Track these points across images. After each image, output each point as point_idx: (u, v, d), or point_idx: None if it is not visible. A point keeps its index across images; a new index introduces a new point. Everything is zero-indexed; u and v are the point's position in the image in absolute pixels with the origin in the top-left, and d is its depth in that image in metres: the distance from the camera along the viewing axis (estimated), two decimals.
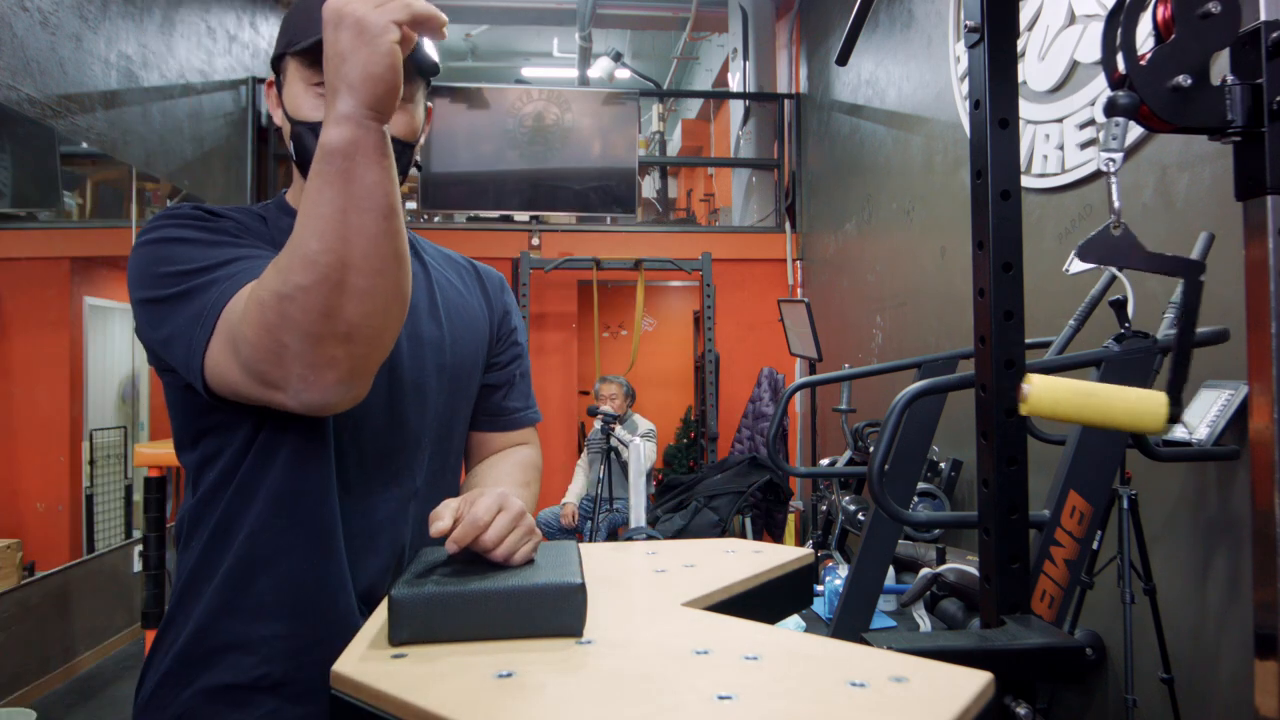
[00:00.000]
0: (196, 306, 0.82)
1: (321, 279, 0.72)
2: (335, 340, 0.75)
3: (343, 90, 0.71)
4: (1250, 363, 0.76)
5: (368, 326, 0.76)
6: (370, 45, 0.70)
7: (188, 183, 4.51)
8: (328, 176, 0.72)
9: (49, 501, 3.73)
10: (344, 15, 0.70)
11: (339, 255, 0.73)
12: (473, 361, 1.11)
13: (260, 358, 0.76)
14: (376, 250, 0.74)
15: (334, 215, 0.72)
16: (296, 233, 0.74)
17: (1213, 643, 2.08)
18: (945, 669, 0.64)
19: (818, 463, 3.96)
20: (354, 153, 0.72)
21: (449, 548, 0.80)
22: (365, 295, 0.75)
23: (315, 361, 0.75)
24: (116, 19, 3.93)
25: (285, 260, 0.74)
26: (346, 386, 0.79)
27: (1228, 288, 1.90)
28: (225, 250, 0.87)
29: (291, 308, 0.73)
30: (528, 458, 1.18)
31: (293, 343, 0.74)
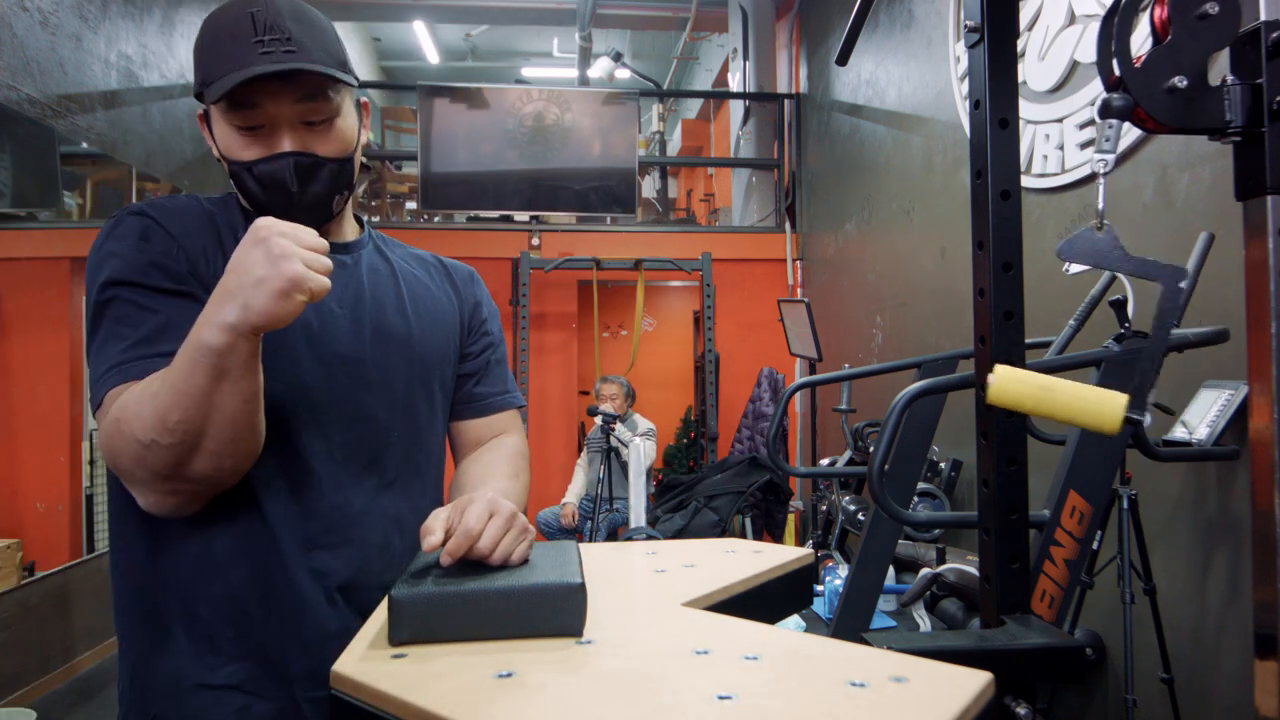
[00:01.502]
0: (95, 369, 0.91)
1: (178, 443, 0.82)
2: (181, 482, 0.85)
3: (239, 306, 0.79)
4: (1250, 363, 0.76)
5: (214, 476, 0.87)
6: (285, 298, 0.78)
7: (188, 183, 4.52)
8: (200, 366, 0.80)
9: (49, 501, 3.73)
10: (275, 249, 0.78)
11: (198, 427, 0.82)
12: (443, 354, 1.12)
13: (115, 469, 0.87)
14: (233, 425, 0.84)
15: (199, 397, 0.81)
16: (159, 397, 0.82)
17: (1213, 643, 2.08)
18: (945, 669, 0.64)
19: (818, 463, 3.96)
20: (228, 355, 0.80)
21: (444, 560, 0.80)
22: (215, 456, 0.84)
23: (160, 491, 0.86)
24: (116, 19, 3.93)
25: (148, 412, 0.82)
26: (184, 509, 0.90)
27: (1228, 288, 1.90)
28: (143, 300, 0.92)
29: (146, 454, 0.83)
30: (513, 447, 1.18)
31: (140, 475, 0.85)
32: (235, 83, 0.89)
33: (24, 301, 3.58)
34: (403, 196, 7.15)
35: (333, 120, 0.97)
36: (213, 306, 0.80)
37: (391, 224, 6.11)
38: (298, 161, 0.95)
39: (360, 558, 1.00)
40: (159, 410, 0.81)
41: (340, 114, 0.98)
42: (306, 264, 0.79)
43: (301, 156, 0.95)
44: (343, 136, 0.99)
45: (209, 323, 0.80)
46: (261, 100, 0.92)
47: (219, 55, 0.92)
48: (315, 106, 0.95)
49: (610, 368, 5.87)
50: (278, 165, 0.95)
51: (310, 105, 0.95)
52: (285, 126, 0.95)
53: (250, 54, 0.91)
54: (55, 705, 3.37)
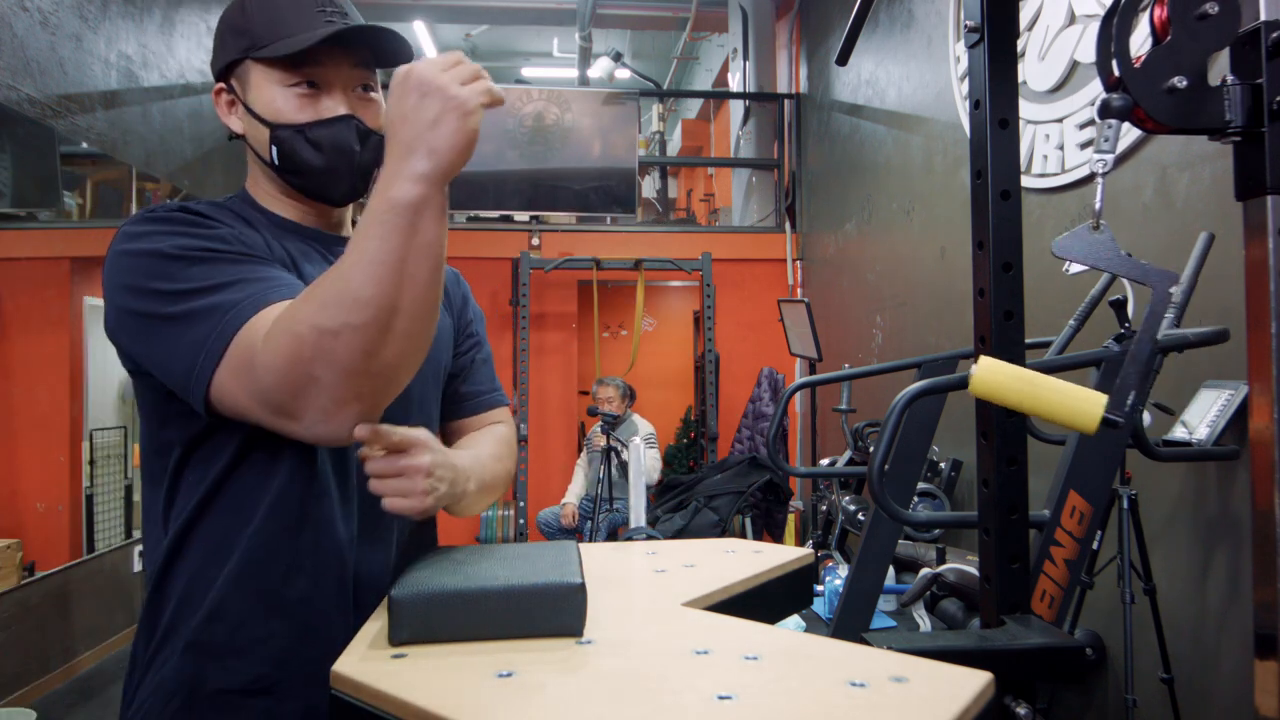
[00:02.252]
0: (200, 332, 0.81)
1: (371, 321, 0.75)
2: (368, 377, 0.78)
3: (422, 152, 0.75)
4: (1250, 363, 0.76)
5: (400, 366, 0.80)
6: (461, 121, 0.76)
7: (188, 183, 4.51)
8: (394, 227, 0.75)
9: (49, 501, 3.73)
10: (432, 85, 0.76)
11: (392, 301, 0.76)
12: (443, 355, 1.12)
13: (284, 388, 0.77)
14: (425, 299, 0.79)
15: (394, 264, 0.75)
16: (347, 273, 0.75)
17: (1213, 643, 2.08)
18: (945, 669, 0.64)
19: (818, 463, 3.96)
20: (424, 209, 0.76)
21: (358, 431, 0.81)
22: (406, 338, 0.78)
23: (343, 396, 0.78)
24: (116, 19, 3.93)
25: (332, 296, 0.75)
26: (361, 420, 0.81)
27: (1228, 288, 1.90)
28: (225, 268, 0.85)
29: (335, 343, 0.75)
30: (502, 433, 1.18)
31: (326, 376, 0.76)
32: (320, 37, 0.91)
33: (24, 301, 3.58)
34: None
35: (376, 93, 1.00)
36: (394, 163, 0.77)
37: None
38: (358, 125, 0.96)
39: (383, 559, 1.00)
40: (350, 288, 0.75)
41: (379, 90, 1.00)
42: (461, 81, 0.77)
43: (359, 121, 0.97)
44: (383, 110, 1.00)
45: (398, 178, 0.76)
46: (325, 60, 0.94)
47: (279, 19, 0.93)
48: (367, 73, 0.98)
49: (610, 368, 5.87)
50: (341, 126, 0.95)
51: (364, 71, 0.98)
52: (340, 90, 0.96)
53: (315, 20, 0.94)
54: (55, 705, 3.37)
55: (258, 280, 0.85)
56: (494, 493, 1.06)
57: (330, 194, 0.98)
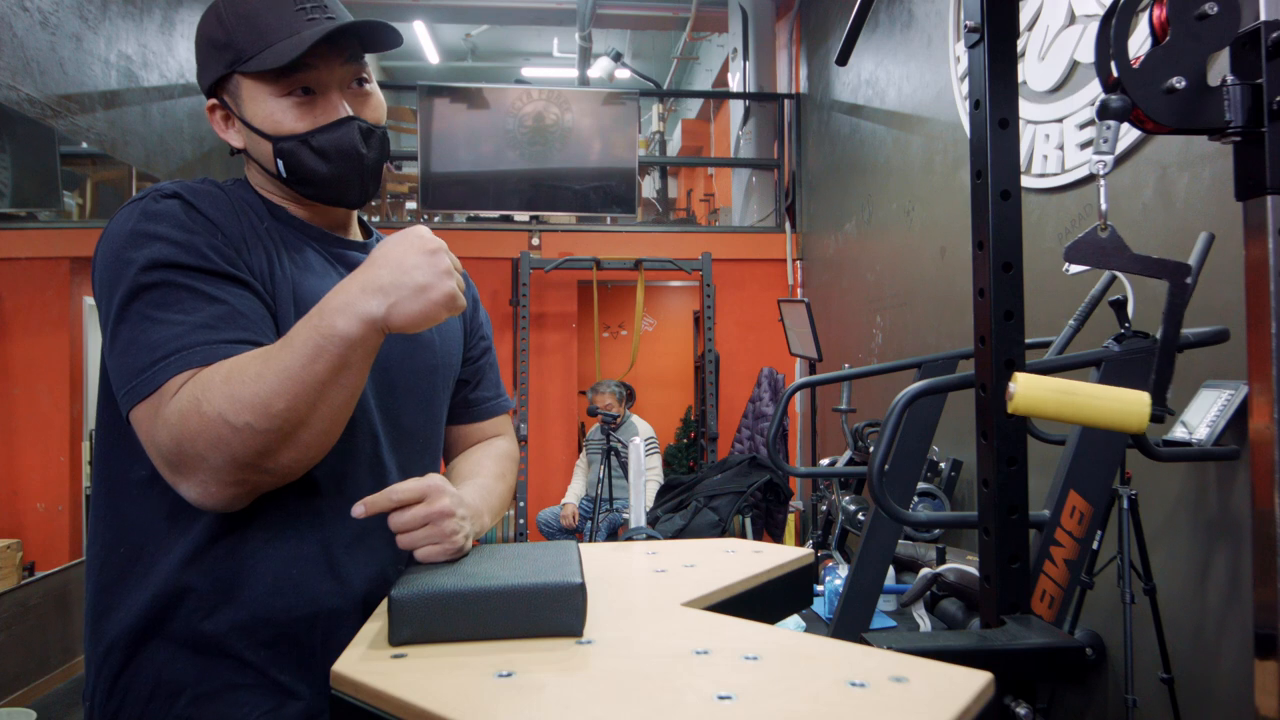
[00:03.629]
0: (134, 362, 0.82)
1: (275, 429, 0.77)
2: (257, 472, 0.80)
3: (389, 304, 0.77)
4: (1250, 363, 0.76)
5: (293, 471, 0.83)
6: (438, 306, 0.79)
7: None
8: (325, 356, 0.77)
9: (49, 501, 3.73)
10: (441, 264, 0.80)
11: (301, 416, 0.78)
12: (456, 359, 1.12)
13: (172, 451, 0.79)
14: (334, 418, 0.81)
15: (315, 386, 0.77)
16: (267, 378, 0.76)
17: (1213, 643, 2.08)
18: (945, 669, 0.64)
19: (818, 463, 3.96)
20: (358, 348, 0.78)
21: (355, 510, 0.83)
22: (306, 448, 0.81)
23: (227, 481, 0.80)
24: (116, 19, 3.93)
25: (245, 394, 0.76)
26: (236, 504, 0.83)
27: (1228, 288, 1.90)
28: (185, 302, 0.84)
29: (233, 437, 0.77)
30: (504, 449, 1.19)
31: (214, 460, 0.78)
32: (309, 43, 0.87)
33: (24, 301, 3.58)
34: (403, 196, 7.15)
35: (371, 84, 0.97)
36: (351, 295, 0.78)
37: (392, 224, 6.11)
38: (361, 126, 0.94)
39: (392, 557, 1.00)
40: (262, 394, 0.76)
41: (373, 79, 0.98)
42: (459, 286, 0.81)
43: (362, 121, 0.94)
44: (381, 103, 0.99)
45: (346, 311, 0.77)
46: (316, 64, 0.91)
47: (258, 29, 0.90)
48: (359, 67, 0.95)
49: (610, 367, 5.87)
50: (344, 130, 0.93)
51: (356, 66, 0.95)
52: (337, 91, 0.94)
53: (297, 21, 0.90)
54: (55, 705, 3.37)
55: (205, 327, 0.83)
56: (502, 514, 1.08)
57: (344, 200, 0.97)
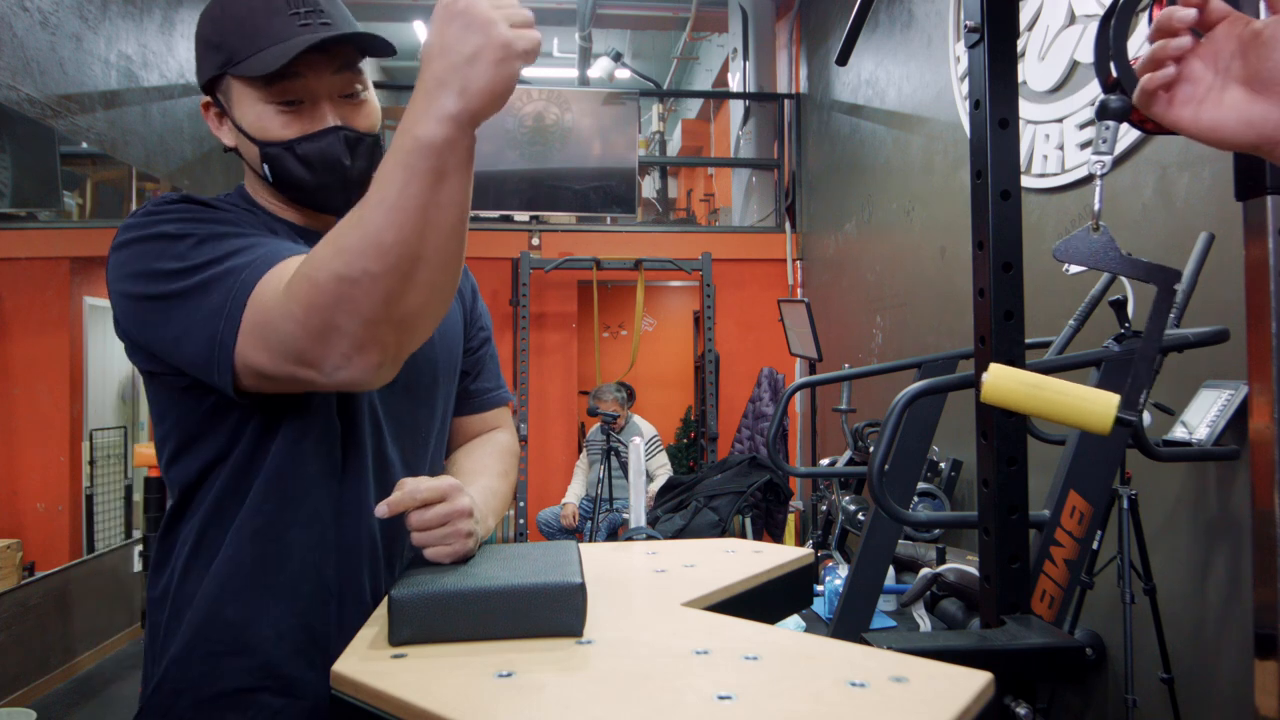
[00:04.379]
0: (216, 300, 0.80)
1: (392, 268, 0.72)
2: (389, 325, 0.75)
3: (455, 90, 0.70)
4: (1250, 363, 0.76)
5: (423, 315, 0.77)
6: (502, 63, 0.70)
7: (187, 183, 4.52)
8: (418, 170, 0.71)
9: (49, 501, 3.73)
10: (479, 18, 0.70)
11: (414, 249, 0.72)
12: (457, 351, 1.12)
13: (303, 335, 0.75)
14: (450, 248, 0.75)
15: (417, 210, 0.71)
16: (368, 218, 0.72)
17: (1213, 643, 2.08)
18: (945, 669, 0.64)
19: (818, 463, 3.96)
20: (450, 153, 0.72)
21: (379, 509, 0.83)
22: (428, 288, 0.75)
23: (363, 343, 0.75)
24: (116, 19, 3.93)
25: (351, 242, 0.72)
26: (385, 369, 0.79)
27: (1228, 288, 1.90)
28: (232, 241, 0.85)
29: (354, 290, 0.72)
30: (505, 444, 1.18)
31: (345, 323, 0.73)
32: (294, 52, 0.86)
33: (24, 301, 3.58)
34: None
35: (365, 93, 0.96)
36: (423, 99, 0.71)
37: None
38: (347, 135, 0.93)
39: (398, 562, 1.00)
40: (369, 234, 0.71)
41: (368, 87, 0.97)
42: (510, 22, 0.71)
43: (348, 130, 0.93)
44: (374, 111, 0.98)
45: (425, 117, 0.71)
46: (305, 72, 0.89)
47: (250, 32, 0.89)
48: (352, 77, 0.93)
49: (610, 367, 5.87)
50: (328, 141, 0.92)
51: (348, 76, 0.93)
52: (326, 100, 0.92)
53: (289, 27, 0.89)
54: (55, 705, 3.37)
55: (265, 246, 0.84)
56: (504, 513, 1.07)
57: (326, 207, 0.97)
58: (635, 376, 5.41)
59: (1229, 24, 0.62)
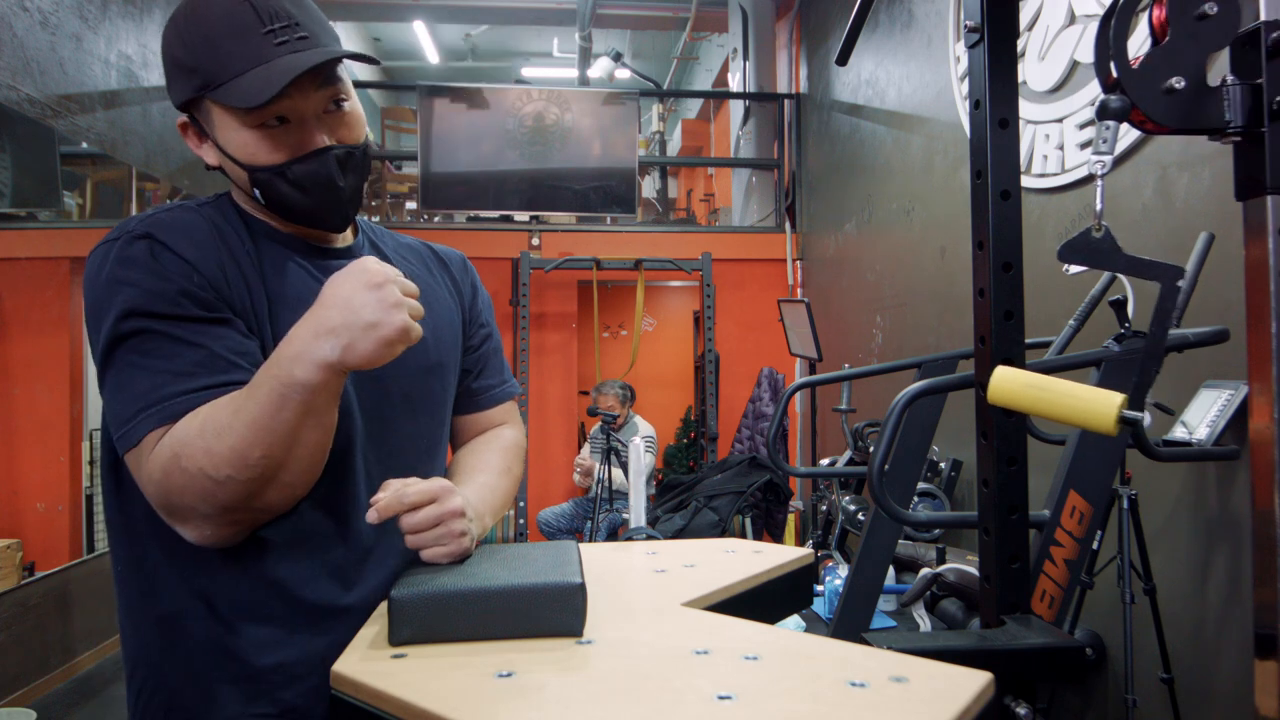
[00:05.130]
0: (121, 409, 0.85)
1: (256, 478, 0.80)
2: (247, 513, 0.83)
3: (343, 346, 0.78)
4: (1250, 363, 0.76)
5: (283, 505, 0.85)
6: (391, 346, 0.79)
7: (187, 183, 4.52)
8: (290, 403, 0.78)
9: (49, 501, 3.73)
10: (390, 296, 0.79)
11: (278, 461, 0.80)
12: (453, 352, 1.09)
13: (163, 503, 0.82)
14: (311, 458, 0.83)
15: (285, 433, 0.79)
16: (238, 432, 0.78)
17: (1213, 643, 2.08)
18: (945, 669, 0.64)
19: (818, 463, 3.96)
20: (322, 392, 0.79)
21: (369, 516, 0.84)
22: (290, 486, 0.84)
23: (221, 523, 0.83)
24: (116, 19, 3.93)
25: (221, 450, 0.78)
26: (237, 539, 0.86)
27: (1228, 288, 1.90)
28: (164, 348, 0.85)
29: (217, 489, 0.79)
30: (509, 440, 1.16)
31: (203, 509, 0.81)
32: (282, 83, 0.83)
33: (24, 301, 3.58)
34: (402, 196, 7.16)
35: (349, 101, 0.93)
36: (306, 341, 0.78)
37: (391, 224, 6.11)
38: (338, 155, 0.91)
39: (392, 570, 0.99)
40: (237, 446, 0.78)
41: (351, 94, 0.94)
42: (410, 312, 0.80)
43: (339, 149, 0.91)
44: (359, 117, 0.95)
45: (302, 358, 0.78)
46: (290, 92, 0.85)
47: (225, 54, 0.85)
48: (336, 90, 0.90)
49: (610, 368, 5.87)
50: (320, 162, 0.90)
51: (332, 90, 0.90)
52: (313, 119, 0.89)
53: (265, 47, 0.85)
54: (55, 705, 3.37)
55: (183, 375, 0.84)
56: (505, 510, 1.07)
57: (322, 225, 0.96)
58: (635, 376, 5.41)
59: None
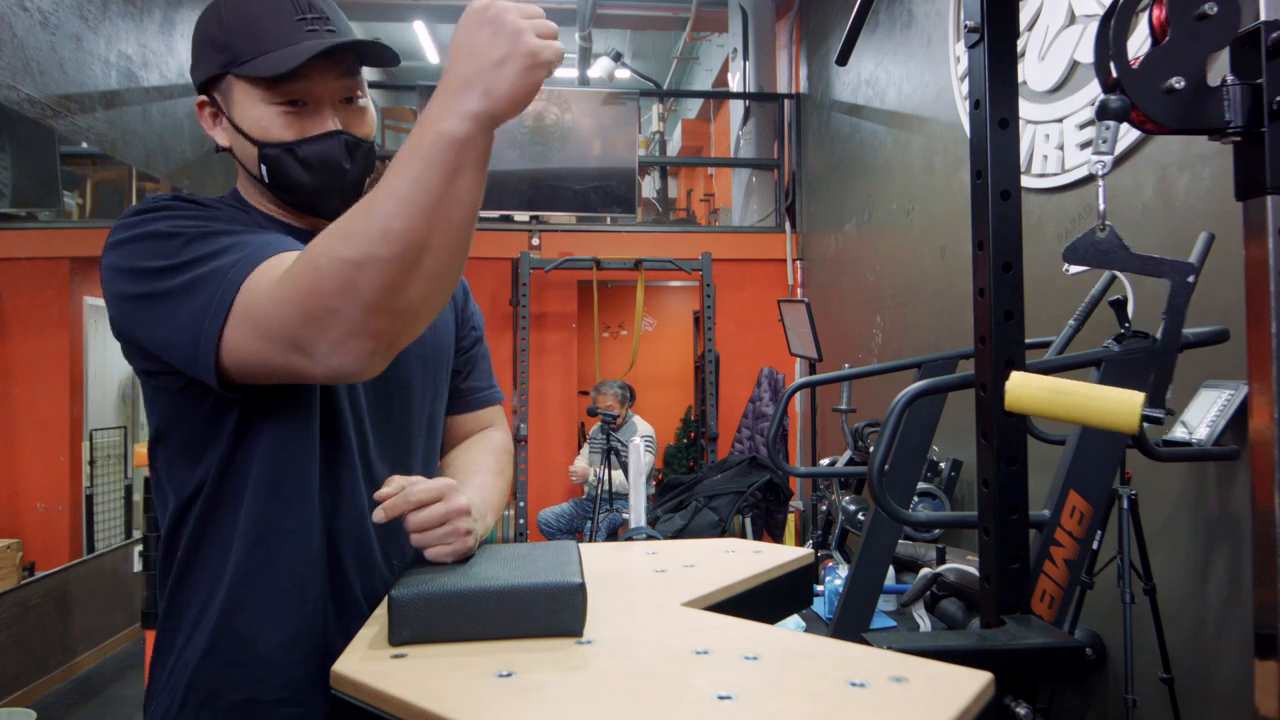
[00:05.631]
0: (203, 297, 0.80)
1: (399, 255, 0.72)
2: (388, 314, 0.75)
3: (480, 90, 0.72)
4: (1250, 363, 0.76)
5: (423, 307, 0.77)
6: (528, 71, 0.73)
7: (187, 182, 4.52)
8: (436, 162, 0.72)
9: (49, 501, 3.73)
10: (509, 26, 0.73)
11: (422, 238, 0.73)
12: (448, 349, 1.12)
13: (299, 319, 0.75)
14: (457, 241, 0.75)
15: (430, 200, 0.72)
16: (379, 205, 0.73)
17: (1213, 643, 2.08)
18: (945, 669, 0.64)
19: (818, 463, 3.96)
20: (469, 149, 0.73)
21: (375, 515, 0.83)
22: (432, 279, 0.75)
23: (360, 330, 0.74)
24: (116, 19, 3.93)
25: (359, 228, 0.73)
26: (377, 359, 0.78)
27: (1228, 288, 1.90)
28: (221, 239, 0.85)
29: (358, 275, 0.72)
30: (499, 443, 1.19)
31: (345, 308, 0.73)
32: (305, 55, 0.87)
33: (24, 301, 3.58)
34: None
35: (364, 100, 0.98)
36: (446, 97, 0.73)
37: None
38: (347, 140, 0.95)
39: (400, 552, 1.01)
40: (377, 220, 0.72)
41: (367, 95, 0.99)
42: (538, 32, 0.74)
43: (348, 135, 0.95)
44: (372, 118, 0.99)
45: (448, 113, 0.72)
46: (310, 75, 0.91)
47: (257, 33, 0.90)
48: (353, 83, 0.95)
49: (610, 368, 5.87)
50: (329, 144, 0.93)
51: (350, 82, 0.95)
52: (328, 105, 0.94)
53: (297, 32, 0.91)
54: (55, 705, 3.37)
55: (257, 243, 0.84)
56: (502, 511, 1.08)
57: (322, 210, 0.97)
58: (635, 376, 5.41)
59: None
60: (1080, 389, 0.84)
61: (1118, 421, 0.83)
